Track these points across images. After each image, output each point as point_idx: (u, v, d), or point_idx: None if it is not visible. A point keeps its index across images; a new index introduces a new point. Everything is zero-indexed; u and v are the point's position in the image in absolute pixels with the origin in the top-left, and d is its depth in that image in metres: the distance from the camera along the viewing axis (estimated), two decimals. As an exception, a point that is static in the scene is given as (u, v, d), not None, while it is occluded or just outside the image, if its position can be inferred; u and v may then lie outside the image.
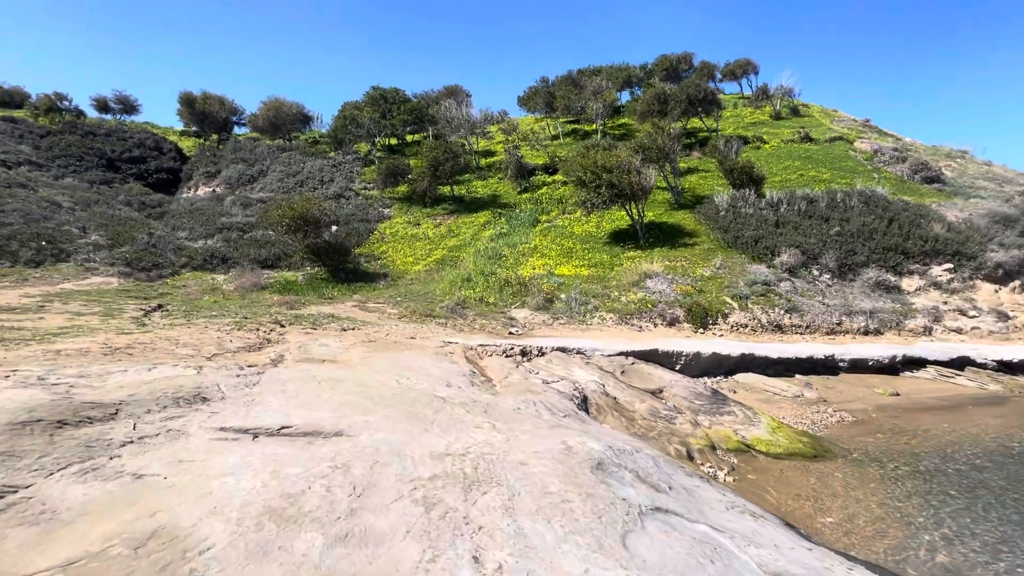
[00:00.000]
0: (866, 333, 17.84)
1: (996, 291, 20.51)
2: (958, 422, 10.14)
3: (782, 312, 17.83)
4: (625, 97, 52.81)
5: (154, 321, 11.31)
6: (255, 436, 4.37)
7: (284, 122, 44.31)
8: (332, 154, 39.68)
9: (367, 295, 18.94)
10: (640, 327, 16.46)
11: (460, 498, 3.39)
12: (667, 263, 20.64)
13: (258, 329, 10.57)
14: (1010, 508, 6.30)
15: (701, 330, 16.89)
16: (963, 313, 19.18)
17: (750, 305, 18.01)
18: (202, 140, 46.28)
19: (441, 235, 27.48)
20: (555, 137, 43.09)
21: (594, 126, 42.87)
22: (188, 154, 41.75)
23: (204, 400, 5.07)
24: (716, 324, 17.28)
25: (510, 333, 13.99)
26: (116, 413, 4.24)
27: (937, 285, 20.60)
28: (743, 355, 13.26)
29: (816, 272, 20.62)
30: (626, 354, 12.52)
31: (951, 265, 21.07)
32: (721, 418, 9.13)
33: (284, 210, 20.80)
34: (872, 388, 12.45)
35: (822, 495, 6.53)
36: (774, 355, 13.45)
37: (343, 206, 30.53)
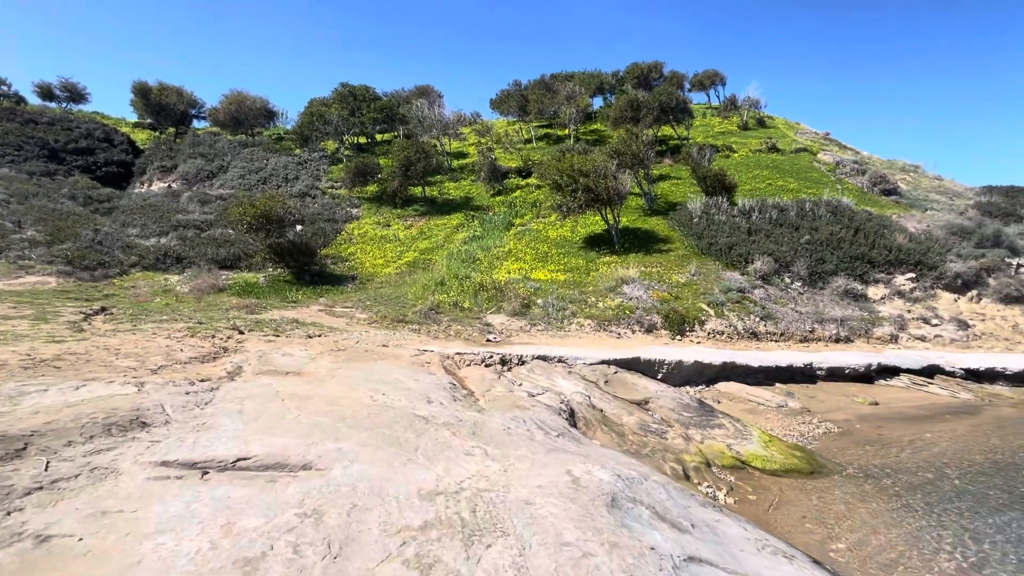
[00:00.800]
0: (837, 340, 18.03)
1: (955, 300, 21.18)
2: (939, 433, 10.11)
3: (757, 319, 17.84)
4: (597, 103, 53.05)
5: (95, 327, 10.17)
6: (205, 473, 3.62)
7: (247, 117, 42.41)
8: (297, 151, 38.19)
9: (334, 299, 17.96)
10: (619, 334, 16.12)
11: (461, 555, 2.76)
12: (643, 269, 20.43)
13: (214, 336, 9.61)
14: (1015, 527, 6.10)
15: (679, 337, 16.68)
16: (926, 321, 19.68)
17: (726, 312, 17.95)
18: (158, 133, 43.82)
19: (412, 237, 26.62)
20: (528, 141, 42.77)
21: (567, 131, 42.78)
22: (142, 147, 39.37)
23: (143, 426, 4.25)
24: (693, 331, 17.11)
25: (488, 340, 13.37)
26: (25, 448, 3.40)
27: (901, 294, 21.12)
28: (724, 363, 13.03)
29: (788, 280, 20.82)
30: (608, 363, 12.08)
31: (913, 274, 21.67)
32: (712, 431, 8.76)
33: (245, 207, 19.58)
34: (851, 397, 12.41)
35: (827, 517, 6.18)
36: (755, 364, 13.28)
37: (308, 205, 29.27)
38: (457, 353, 11.10)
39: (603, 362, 12.02)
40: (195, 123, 46.01)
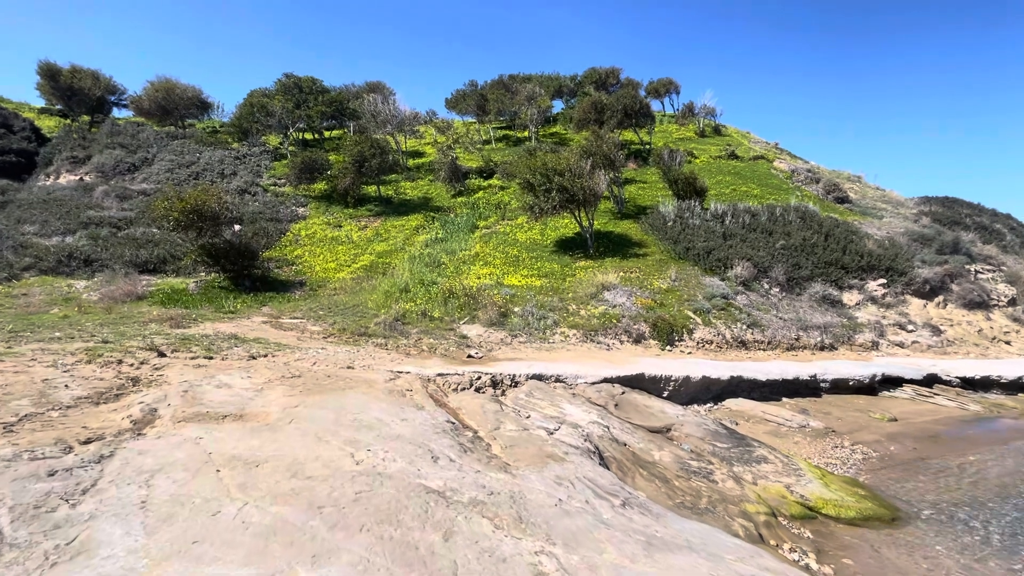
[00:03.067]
0: (822, 348, 17.43)
1: (924, 306, 21.30)
2: (975, 451, 9.25)
3: (744, 327, 16.94)
4: (556, 107, 52.21)
5: (-51, 350, 7.52)
6: None
7: (176, 106, 38.33)
8: (235, 145, 34.69)
9: (280, 308, 15.49)
10: (608, 345, 14.67)
11: None
12: (622, 274, 19.17)
13: (121, 361, 7.24)
14: None
15: (668, 347, 15.45)
16: (902, 327, 19.54)
17: (713, 320, 16.94)
18: (69, 120, 38.70)
19: (367, 239, 24.25)
20: (487, 142, 41.13)
21: (527, 132, 41.52)
22: (49, 135, 34.50)
23: (-68, 571, 2.23)
24: (682, 340, 15.95)
25: (469, 357, 11.50)
26: None
27: (874, 300, 20.99)
28: (732, 378, 11.82)
29: (767, 286, 20.20)
30: (611, 381, 10.55)
31: (884, 280, 21.66)
32: (758, 467, 7.34)
33: (172, 201, 16.68)
34: (866, 412, 11.48)
35: (955, 591, 4.82)
36: (762, 378, 12.16)
37: (248, 203, 26.21)
38: (439, 375, 9.20)
39: (606, 380, 10.48)
40: (115, 111, 41.17)
